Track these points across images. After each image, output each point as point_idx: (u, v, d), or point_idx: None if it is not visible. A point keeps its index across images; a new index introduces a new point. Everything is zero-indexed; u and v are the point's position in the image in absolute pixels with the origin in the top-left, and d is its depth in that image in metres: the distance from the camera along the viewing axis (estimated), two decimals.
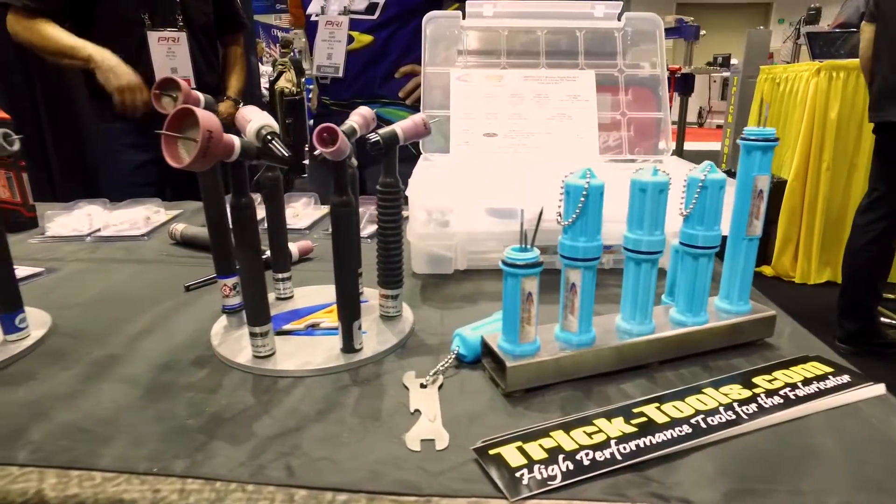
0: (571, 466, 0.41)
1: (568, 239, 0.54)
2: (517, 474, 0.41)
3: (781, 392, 0.50)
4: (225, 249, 0.63)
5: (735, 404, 0.49)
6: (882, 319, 2.29)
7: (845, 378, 0.53)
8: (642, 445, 0.43)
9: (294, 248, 0.85)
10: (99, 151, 1.76)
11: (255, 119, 0.62)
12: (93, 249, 0.96)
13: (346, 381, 0.55)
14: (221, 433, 0.47)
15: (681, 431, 0.45)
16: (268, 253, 0.70)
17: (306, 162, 2.17)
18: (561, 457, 0.42)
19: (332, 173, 0.55)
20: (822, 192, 2.60)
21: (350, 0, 1.49)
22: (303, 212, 1.10)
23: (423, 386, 0.53)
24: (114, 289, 0.79)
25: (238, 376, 0.56)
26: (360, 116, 0.65)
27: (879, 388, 0.52)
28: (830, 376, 0.53)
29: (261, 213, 0.65)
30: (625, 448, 0.43)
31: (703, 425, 0.46)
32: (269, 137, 0.56)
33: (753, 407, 0.48)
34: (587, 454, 0.42)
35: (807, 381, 0.52)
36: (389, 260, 0.64)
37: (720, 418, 0.47)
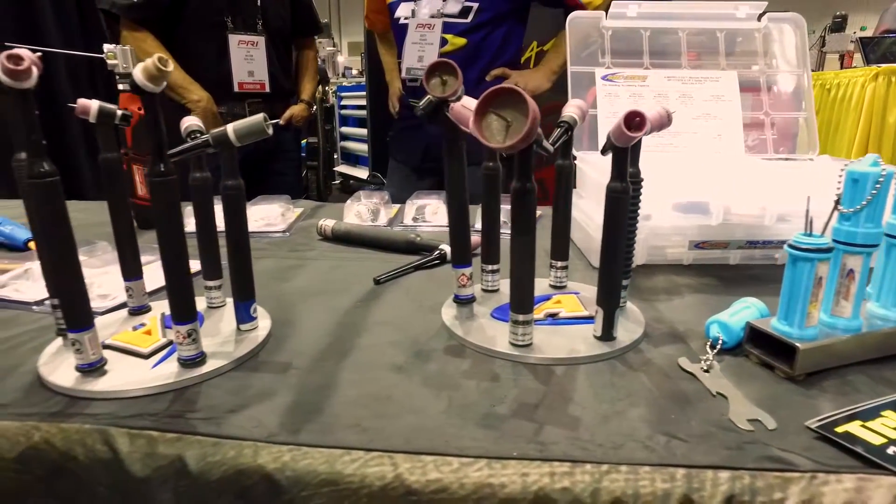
0: None
1: (849, 225, 0.54)
2: (889, 450, 0.41)
3: None
4: (464, 241, 0.63)
5: None
6: None
7: None
8: None
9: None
10: None
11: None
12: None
13: (621, 367, 0.55)
14: (547, 418, 0.46)
15: None
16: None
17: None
18: None
19: (615, 160, 0.55)
20: None
21: (443, 3, 1.50)
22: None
23: (705, 371, 0.53)
24: (302, 282, 0.78)
25: (505, 364, 0.55)
26: (577, 108, 0.65)
27: None
28: None
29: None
30: None
31: None
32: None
33: None
34: None
35: None
36: (627, 253, 0.64)
37: None
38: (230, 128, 0.54)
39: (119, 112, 0.61)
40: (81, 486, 0.45)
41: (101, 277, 0.74)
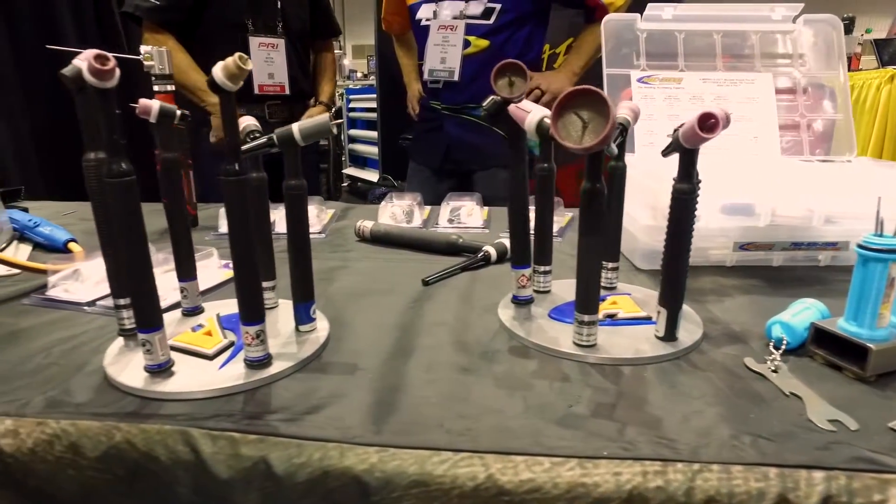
0: None
1: None
2: None
3: None
4: (525, 242, 0.63)
5: None
6: None
7: None
8: None
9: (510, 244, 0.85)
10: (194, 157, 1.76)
11: (534, 111, 0.63)
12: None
13: (687, 367, 0.55)
14: (627, 418, 0.46)
15: None
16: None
17: None
18: None
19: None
20: None
21: (465, 5, 1.50)
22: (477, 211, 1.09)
23: (773, 371, 0.53)
24: (348, 283, 0.78)
25: (572, 365, 0.55)
26: (629, 110, 0.65)
27: None
28: None
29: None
30: None
31: None
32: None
33: None
34: None
35: None
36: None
37: None
38: (295, 127, 0.54)
39: (179, 112, 0.61)
40: (162, 487, 0.44)
41: None
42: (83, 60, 0.45)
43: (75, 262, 0.75)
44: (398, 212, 1.01)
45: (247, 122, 0.61)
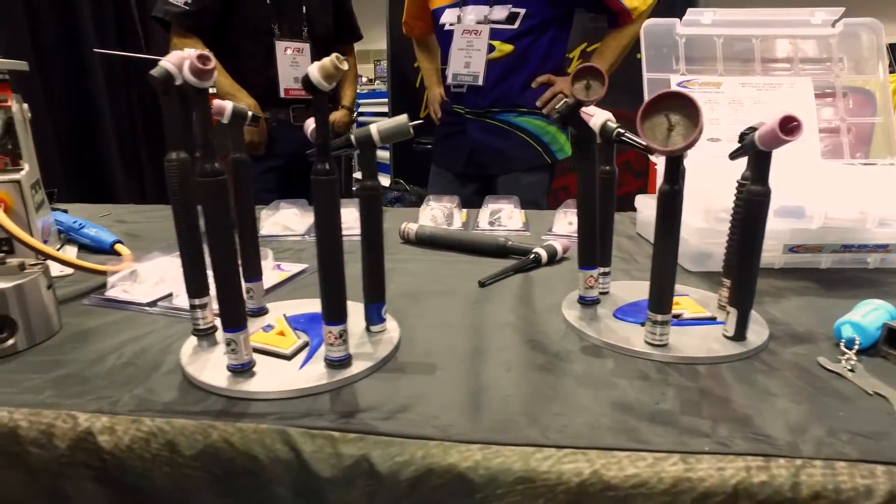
0: None
1: None
2: None
3: None
4: (594, 244, 0.63)
5: None
6: None
7: None
8: None
9: (559, 246, 0.86)
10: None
11: (598, 114, 0.64)
12: None
13: (761, 366, 0.55)
14: (717, 415, 0.47)
15: None
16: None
17: None
18: None
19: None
20: None
21: (490, 9, 1.51)
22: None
23: (850, 370, 0.54)
24: (403, 285, 0.78)
25: (647, 364, 0.56)
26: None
27: None
28: None
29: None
30: None
31: None
32: (620, 132, 0.60)
33: None
34: None
35: None
36: None
37: None
38: (374, 128, 0.54)
39: (250, 113, 0.61)
40: (260, 486, 0.44)
41: None
42: (172, 62, 0.46)
43: (133, 263, 0.75)
44: (439, 214, 1.01)
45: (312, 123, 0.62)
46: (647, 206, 1.00)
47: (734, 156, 0.60)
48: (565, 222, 1.00)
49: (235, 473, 0.45)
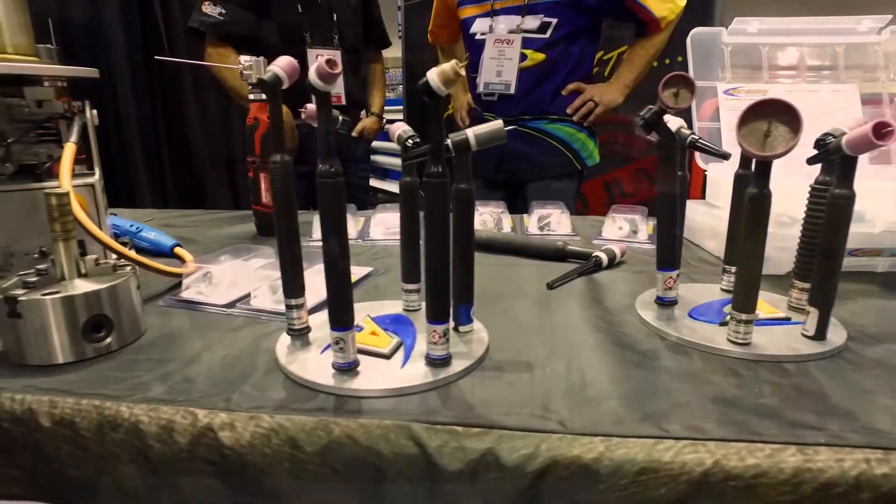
0: None
1: None
2: None
3: None
4: (673, 245, 0.65)
5: None
6: None
7: None
8: None
9: (617, 250, 0.87)
10: None
11: (671, 121, 0.65)
12: (379, 251, 0.96)
13: (848, 365, 0.57)
14: (820, 409, 0.48)
15: None
16: None
17: None
18: None
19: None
20: None
21: (522, 19, 1.53)
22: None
23: None
24: (476, 287, 0.79)
25: (734, 362, 0.57)
26: None
27: None
28: None
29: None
30: None
31: None
32: (693, 139, 0.62)
33: None
34: None
35: None
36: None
37: None
38: (470, 133, 0.56)
39: (340, 118, 0.63)
40: (383, 481, 0.45)
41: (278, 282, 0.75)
42: (281, 66, 0.47)
43: (205, 266, 0.77)
44: (489, 219, 1.03)
45: (402, 128, 0.64)
46: (696, 212, 1.02)
47: (812, 161, 0.62)
48: (615, 227, 1.01)
49: (357, 468, 0.46)
